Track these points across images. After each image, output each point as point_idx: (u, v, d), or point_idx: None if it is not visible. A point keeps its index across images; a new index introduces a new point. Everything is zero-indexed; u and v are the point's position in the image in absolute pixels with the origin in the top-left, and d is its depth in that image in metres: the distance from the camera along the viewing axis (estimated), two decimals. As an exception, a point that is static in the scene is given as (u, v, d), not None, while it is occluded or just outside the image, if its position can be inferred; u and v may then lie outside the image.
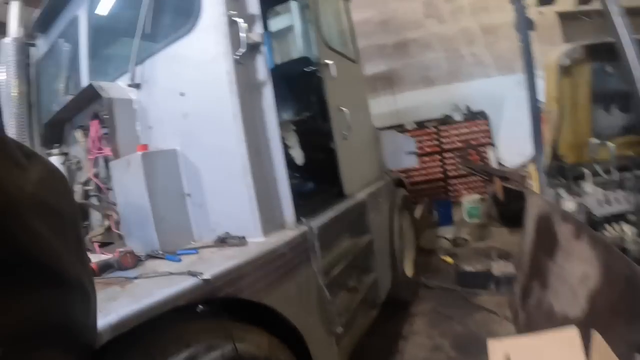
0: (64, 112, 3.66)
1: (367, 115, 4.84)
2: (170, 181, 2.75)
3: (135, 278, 2.02)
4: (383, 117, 5.63)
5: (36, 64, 4.58)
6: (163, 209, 2.65)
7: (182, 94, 2.74)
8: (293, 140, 3.81)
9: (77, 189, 3.47)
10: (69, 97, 3.45)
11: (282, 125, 2.91)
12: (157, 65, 2.92)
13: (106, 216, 3.17)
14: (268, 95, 2.72)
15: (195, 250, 2.47)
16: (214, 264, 2.08)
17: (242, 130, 2.51)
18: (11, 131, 4.01)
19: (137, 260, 2.36)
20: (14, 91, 4.09)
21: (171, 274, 1.97)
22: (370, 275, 3.66)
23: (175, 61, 2.82)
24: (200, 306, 1.88)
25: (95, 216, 3.49)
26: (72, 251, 0.68)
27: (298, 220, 2.73)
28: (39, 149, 4.13)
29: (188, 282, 1.82)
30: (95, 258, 2.51)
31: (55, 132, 3.96)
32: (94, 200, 3.39)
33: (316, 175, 4.00)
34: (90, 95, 3.03)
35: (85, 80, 3.55)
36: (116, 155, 2.88)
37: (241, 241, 2.45)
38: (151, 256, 2.47)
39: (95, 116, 3.08)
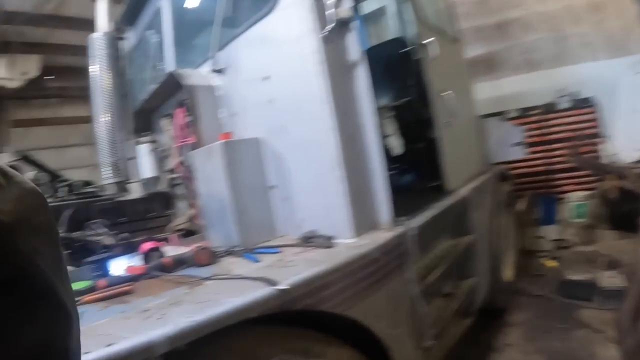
0: (150, 101, 3.68)
1: (470, 101, 4.35)
2: (253, 172, 2.56)
3: (207, 279, 1.87)
4: (483, 104, 5.05)
5: (127, 56, 4.71)
6: (245, 202, 2.47)
7: (266, 78, 2.53)
8: (390, 128, 3.44)
9: (164, 177, 3.50)
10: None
11: (378, 111, 2.58)
12: (240, 48, 2.74)
13: (191, 205, 3.11)
14: (362, 77, 2.37)
15: (277, 249, 2.23)
16: (295, 269, 1.84)
17: (333, 116, 2.21)
18: (105, 123, 4.13)
19: (212, 258, 2.21)
20: (107, 84, 4.18)
21: (245, 278, 1.77)
22: (468, 281, 3.24)
23: (258, 43, 2.62)
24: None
25: (180, 205, 3.46)
26: (52, 268, 0.65)
27: (395, 219, 2.38)
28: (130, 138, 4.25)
29: (262, 292, 1.59)
30: (173, 251, 2.44)
31: (144, 120, 4.03)
32: (180, 189, 3.35)
33: (414, 168, 3.62)
34: (175, 84, 2.95)
35: (170, 69, 3.46)
36: (200, 143, 2.77)
37: (328, 242, 2.15)
38: (229, 252, 2.31)
39: (181, 104, 3.01)
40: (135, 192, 3.98)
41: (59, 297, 0.66)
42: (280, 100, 2.47)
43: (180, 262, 2.17)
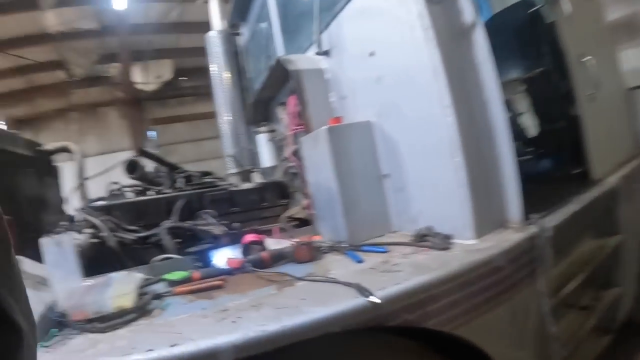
0: (264, 91, 3.66)
1: (616, 69, 3.50)
2: (364, 159, 2.26)
3: (299, 279, 1.70)
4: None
5: (243, 50, 4.85)
6: (354, 193, 2.19)
7: (371, 54, 2.21)
8: (522, 105, 2.93)
9: (281, 166, 3.46)
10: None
11: (506, 85, 2.13)
12: (342, 26, 2.50)
13: (304, 195, 3.00)
14: (481, 43, 1.92)
15: (384, 247, 1.91)
16: (398, 276, 1.53)
17: (447, 91, 1.80)
18: (227, 116, 4.39)
19: (313, 254, 2.01)
20: (226, 79, 4.39)
21: (337, 282, 1.55)
22: (611, 291, 2.60)
23: (359, 17, 2.34)
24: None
25: (296, 194, 3.40)
26: (1, 280, 0.61)
27: (525, 217, 1.90)
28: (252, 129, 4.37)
29: (350, 303, 1.35)
30: (276, 244, 2.28)
31: (262, 110, 4.01)
32: (295, 178, 3.26)
33: (551, 152, 3.01)
34: (283, 71, 2.83)
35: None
36: (310, 130, 2.59)
37: (444, 242, 1.78)
38: (334, 248, 2.08)
39: (293, 91, 2.90)
40: (255, 181, 3.99)
41: (7, 312, 0.62)
42: (388, 77, 2.14)
43: (278, 258, 2.01)
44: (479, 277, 1.57)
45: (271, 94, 3.80)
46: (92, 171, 3.62)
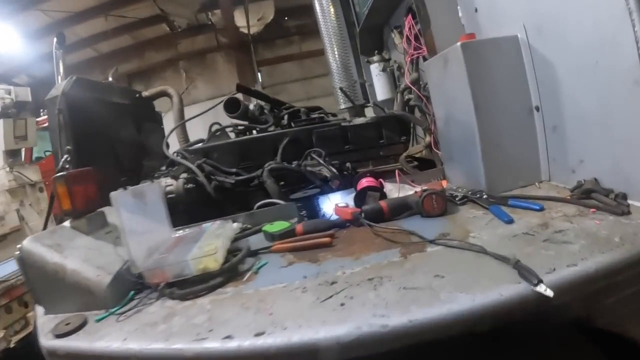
0: (374, 14, 3.62)
1: None
2: (510, 86, 1.84)
3: (431, 242, 1.42)
4: None
5: None
6: (497, 129, 1.81)
7: None
8: None
9: (398, 98, 3.27)
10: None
11: None
12: None
13: (426, 131, 2.84)
14: None
15: (539, 205, 1.53)
16: (568, 250, 1.15)
17: None
18: (334, 50, 4.43)
19: (445, 206, 1.75)
20: (331, 12, 4.38)
21: (487, 254, 1.21)
22: None
23: None
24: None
25: (417, 130, 3.25)
26: None
27: None
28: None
29: (510, 291, 1.02)
30: (396, 190, 2.11)
31: (372, 37, 4.08)
32: (415, 111, 3.08)
33: None
34: None
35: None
36: (432, 52, 2.35)
37: (620, 205, 1.34)
38: (470, 199, 1.80)
39: (409, 10, 2.73)
40: (368, 116, 3.77)
41: None
42: (540, -20, 1.69)
43: (401, 209, 1.79)
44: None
45: (382, 18, 3.69)
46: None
